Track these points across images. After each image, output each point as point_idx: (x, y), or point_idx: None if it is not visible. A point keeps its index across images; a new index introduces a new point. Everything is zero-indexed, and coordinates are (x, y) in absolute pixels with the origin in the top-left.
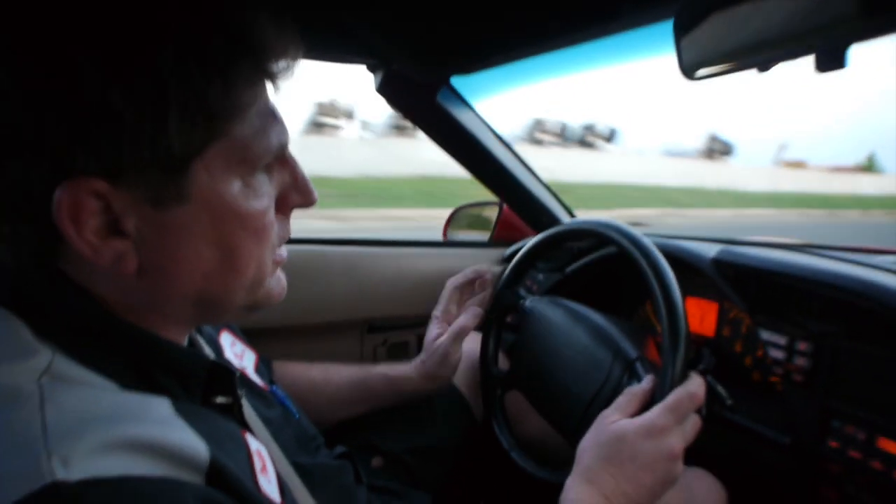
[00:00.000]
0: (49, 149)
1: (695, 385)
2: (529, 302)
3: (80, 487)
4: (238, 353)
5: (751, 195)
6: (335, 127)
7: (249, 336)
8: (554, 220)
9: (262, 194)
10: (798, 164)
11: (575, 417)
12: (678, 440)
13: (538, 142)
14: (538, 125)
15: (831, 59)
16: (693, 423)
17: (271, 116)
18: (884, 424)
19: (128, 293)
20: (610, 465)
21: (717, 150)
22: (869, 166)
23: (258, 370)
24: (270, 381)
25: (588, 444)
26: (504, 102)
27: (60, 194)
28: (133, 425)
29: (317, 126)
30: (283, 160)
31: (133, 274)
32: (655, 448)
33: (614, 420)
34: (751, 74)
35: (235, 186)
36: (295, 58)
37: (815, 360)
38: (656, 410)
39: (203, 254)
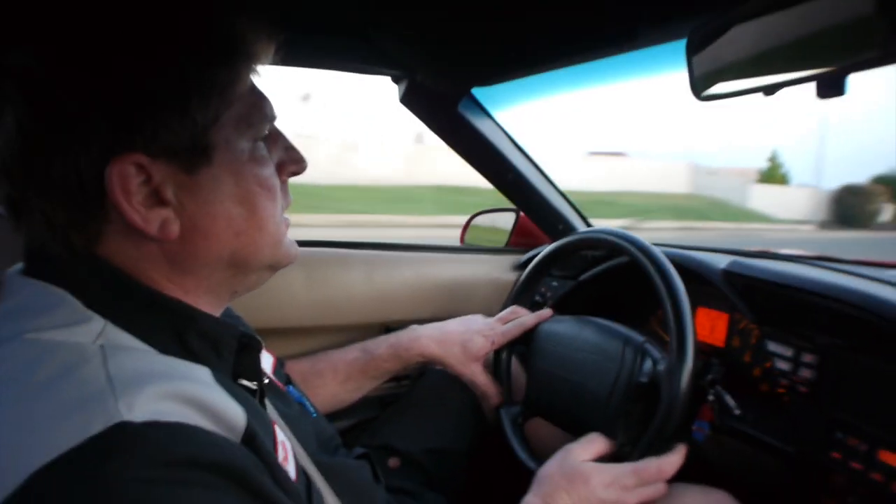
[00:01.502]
0: (97, 134)
1: (669, 462)
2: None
3: (143, 427)
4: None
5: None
6: None
7: (269, 336)
8: (569, 228)
9: (266, 161)
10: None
11: (599, 416)
12: (632, 499)
13: None
14: None
15: (832, 86)
16: (654, 489)
17: (261, 94)
18: (885, 437)
19: (167, 263)
20: (568, 496)
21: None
22: (771, 175)
23: (276, 372)
24: (287, 382)
25: (552, 471)
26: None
27: (111, 170)
28: (184, 382)
29: None
30: (274, 135)
31: (176, 238)
32: (611, 498)
33: (582, 458)
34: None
35: (245, 151)
36: (274, 52)
37: (821, 372)
38: (625, 468)
39: (232, 211)
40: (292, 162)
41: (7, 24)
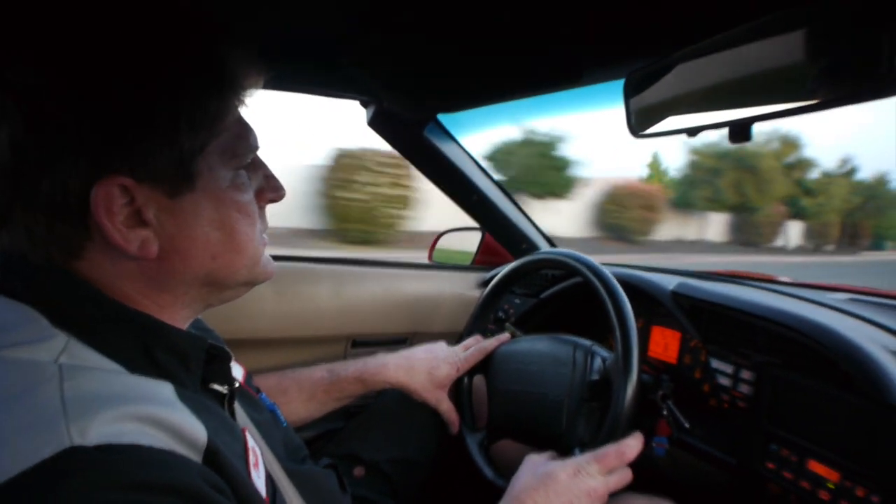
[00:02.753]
0: (90, 153)
1: (628, 445)
2: None
3: (96, 451)
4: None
5: None
6: None
7: (239, 346)
8: (533, 247)
9: (247, 188)
10: None
11: (560, 421)
12: (600, 484)
13: None
14: None
15: (740, 133)
16: (621, 475)
17: (246, 125)
18: (814, 449)
19: (143, 280)
20: (537, 495)
21: None
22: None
23: (247, 381)
24: (257, 390)
25: (521, 478)
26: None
27: (97, 190)
28: (142, 403)
29: None
30: (256, 163)
31: (154, 258)
32: (577, 485)
33: (544, 461)
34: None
35: (227, 178)
36: (261, 81)
37: (757, 388)
38: (586, 456)
39: (210, 235)
40: (271, 190)
41: (12, 40)
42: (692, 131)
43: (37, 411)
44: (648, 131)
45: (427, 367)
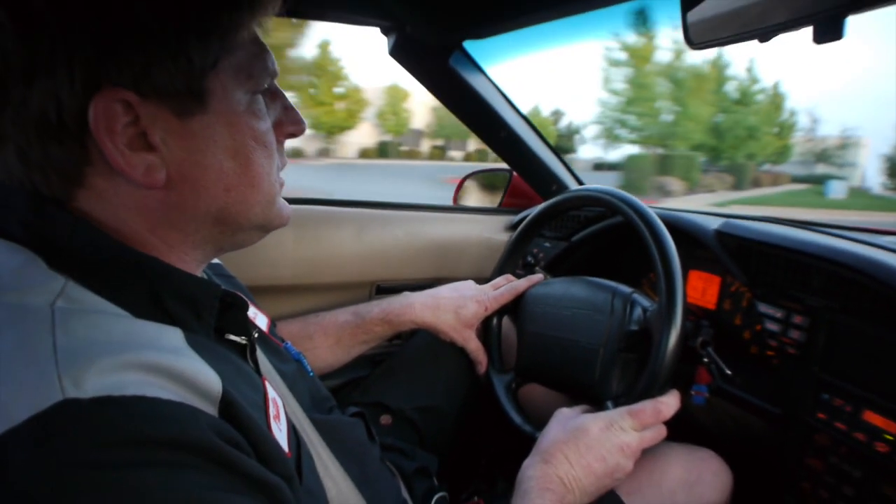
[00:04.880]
0: (82, 63)
1: (665, 402)
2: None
3: (93, 405)
4: (251, 315)
5: None
6: None
7: (260, 294)
8: (562, 188)
9: (264, 116)
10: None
11: (593, 370)
12: (633, 439)
13: None
14: None
15: (830, 30)
16: (655, 432)
17: (263, 45)
18: (870, 398)
19: (151, 214)
20: (567, 449)
21: None
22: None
23: (271, 331)
24: (282, 340)
25: (550, 431)
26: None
27: (95, 105)
28: (147, 350)
29: None
30: (274, 92)
31: (161, 186)
32: (610, 440)
33: (575, 414)
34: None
35: (243, 102)
36: (280, 1)
37: (810, 333)
38: (619, 410)
39: (224, 164)
40: (291, 123)
41: None
42: (765, 33)
43: (25, 361)
44: (710, 39)
45: (454, 306)
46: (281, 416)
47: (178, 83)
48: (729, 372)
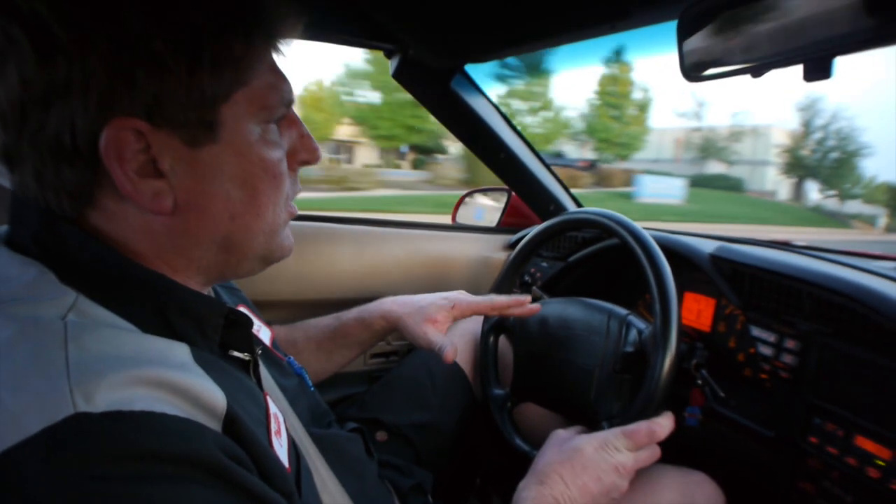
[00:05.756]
0: (96, 91)
1: (660, 423)
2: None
3: (104, 419)
4: (255, 329)
5: None
6: None
7: (259, 309)
8: (560, 209)
9: (277, 145)
10: None
11: (588, 390)
12: (628, 459)
13: None
14: None
15: (819, 69)
16: (650, 452)
17: (281, 74)
18: (862, 423)
19: (158, 238)
20: (563, 469)
21: None
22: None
23: (274, 345)
24: (284, 354)
25: (546, 452)
26: None
27: (107, 133)
28: (155, 366)
29: None
30: (290, 119)
31: (168, 212)
32: (605, 460)
33: (571, 435)
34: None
35: (255, 132)
36: (297, 27)
37: (802, 358)
38: (614, 431)
39: (231, 193)
40: (305, 150)
41: None
42: (757, 70)
43: (38, 374)
44: (705, 73)
45: (422, 301)
46: (282, 431)
47: (189, 114)
48: (722, 394)
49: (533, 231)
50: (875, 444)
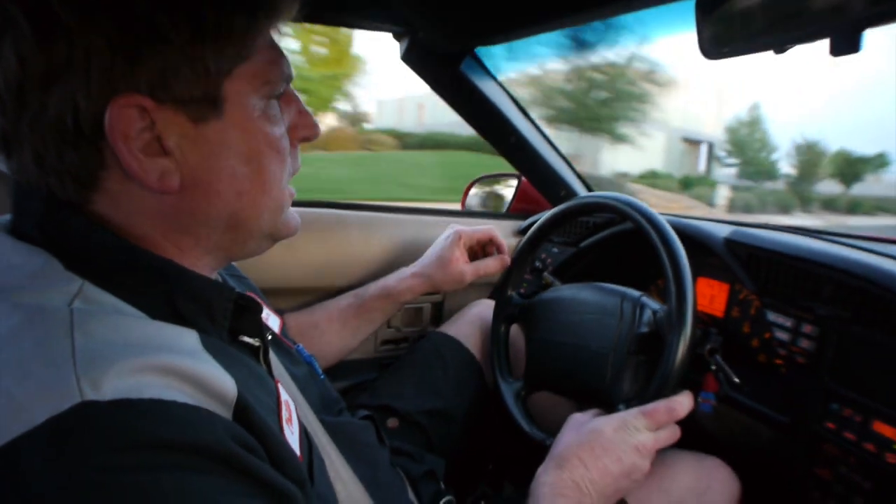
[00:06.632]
0: (98, 69)
1: (678, 401)
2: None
3: (111, 407)
4: (264, 317)
5: None
6: None
7: (269, 296)
8: (571, 194)
9: (278, 121)
10: None
11: (604, 374)
12: (648, 439)
13: None
14: None
15: (846, 43)
16: (670, 432)
17: (279, 50)
18: (880, 409)
19: (164, 219)
20: (582, 452)
21: None
22: None
23: (283, 332)
24: (293, 342)
25: (564, 436)
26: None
27: (111, 111)
28: (164, 353)
29: None
30: (289, 95)
31: (175, 191)
32: (625, 440)
33: (588, 418)
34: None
35: (258, 108)
36: (298, 6)
37: (819, 343)
38: (633, 411)
39: (237, 170)
40: (304, 126)
41: None
42: (780, 46)
43: (44, 362)
44: (726, 50)
45: (434, 254)
46: (293, 419)
47: (193, 89)
48: (737, 380)
49: (544, 216)
50: (894, 429)
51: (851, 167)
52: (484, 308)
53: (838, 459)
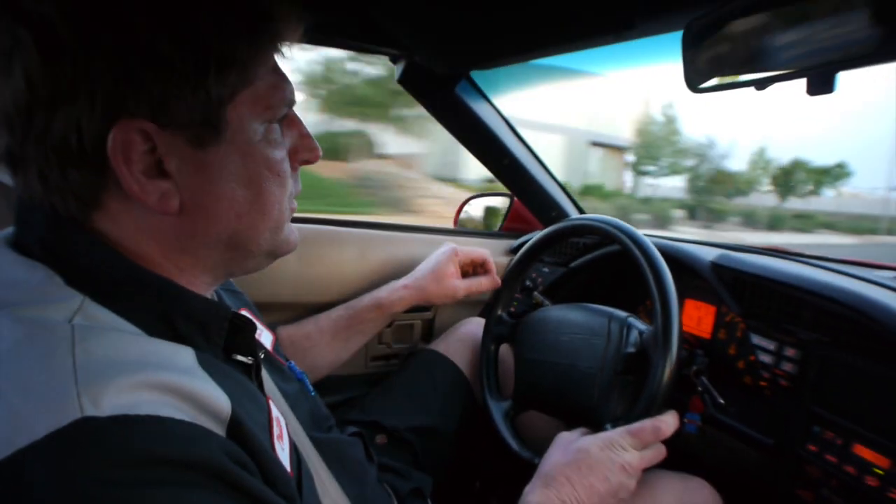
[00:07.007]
0: (103, 93)
1: (664, 421)
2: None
3: (110, 423)
4: (258, 333)
5: None
6: None
7: (262, 310)
8: (563, 215)
9: (279, 144)
10: None
11: (592, 393)
12: (634, 458)
13: None
14: None
15: (822, 83)
16: (655, 451)
17: (283, 75)
18: (861, 432)
19: (164, 239)
20: (569, 470)
21: None
22: None
23: (275, 349)
24: (285, 359)
25: (551, 455)
26: None
27: (114, 134)
28: (161, 370)
29: None
30: (291, 119)
31: (175, 212)
32: (611, 459)
33: (576, 437)
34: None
35: (259, 132)
36: (301, 31)
37: (802, 366)
38: (619, 430)
39: (237, 193)
40: (306, 150)
41: None
42: (761, 84)
43: (46, 377)
44: (708, 85)
45: (429, 268)
46: (284, 435)
47: (195, 115)
48: (722, 401)
49: (535, 236)
50: (874, 452)
51: (814, 177)
52: (474, 326)
53: (820, 482)
